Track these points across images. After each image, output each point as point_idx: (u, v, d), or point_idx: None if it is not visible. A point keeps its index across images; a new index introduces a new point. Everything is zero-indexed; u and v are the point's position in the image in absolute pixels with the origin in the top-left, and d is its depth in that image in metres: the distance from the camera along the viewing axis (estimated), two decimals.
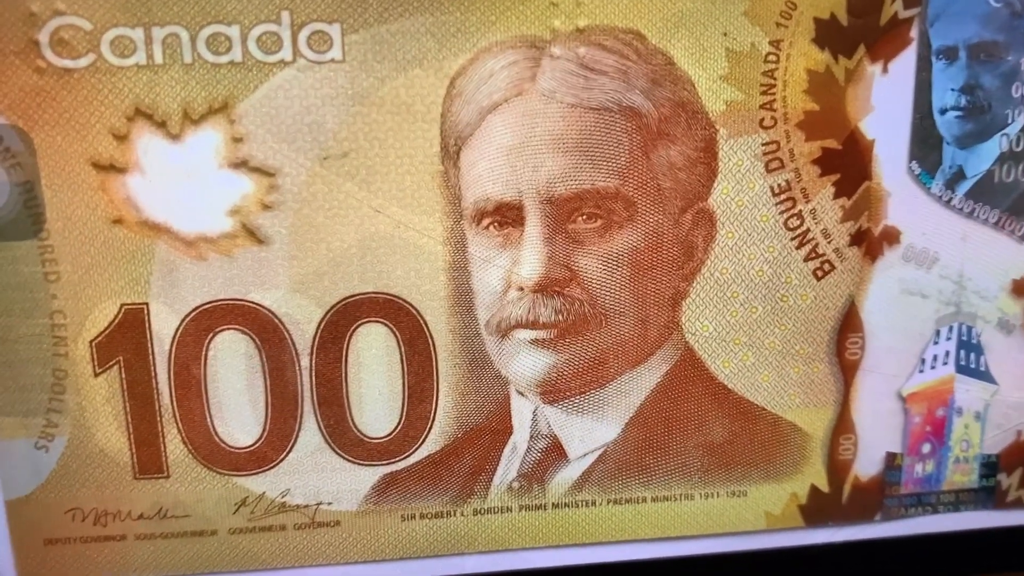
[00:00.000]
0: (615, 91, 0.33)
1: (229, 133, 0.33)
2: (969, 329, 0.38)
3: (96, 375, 0.34)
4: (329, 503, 0.37)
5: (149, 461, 0.35)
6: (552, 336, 0.35)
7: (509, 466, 0.37)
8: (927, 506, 0.40)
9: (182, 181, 0.33)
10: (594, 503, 0.38)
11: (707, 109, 0.34)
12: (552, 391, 0.36)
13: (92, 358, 0.34)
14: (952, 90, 0.35)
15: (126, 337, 0.34)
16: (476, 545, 0.38)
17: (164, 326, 0.34)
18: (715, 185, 0.35)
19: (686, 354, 0.37)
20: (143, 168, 0.32)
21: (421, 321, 0.35)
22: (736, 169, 0.35)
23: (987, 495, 0.40)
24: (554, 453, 0.37)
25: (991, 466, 0.40)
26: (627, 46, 0.33)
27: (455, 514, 0.37)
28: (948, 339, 0.38)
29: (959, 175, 0.36)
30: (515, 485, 0.37)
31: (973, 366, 0.39)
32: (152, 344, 0.34)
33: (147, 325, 0.34)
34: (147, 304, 0.34)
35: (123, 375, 0.34)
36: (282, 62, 0.32)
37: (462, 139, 0.33)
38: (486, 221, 0.34)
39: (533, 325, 0.35)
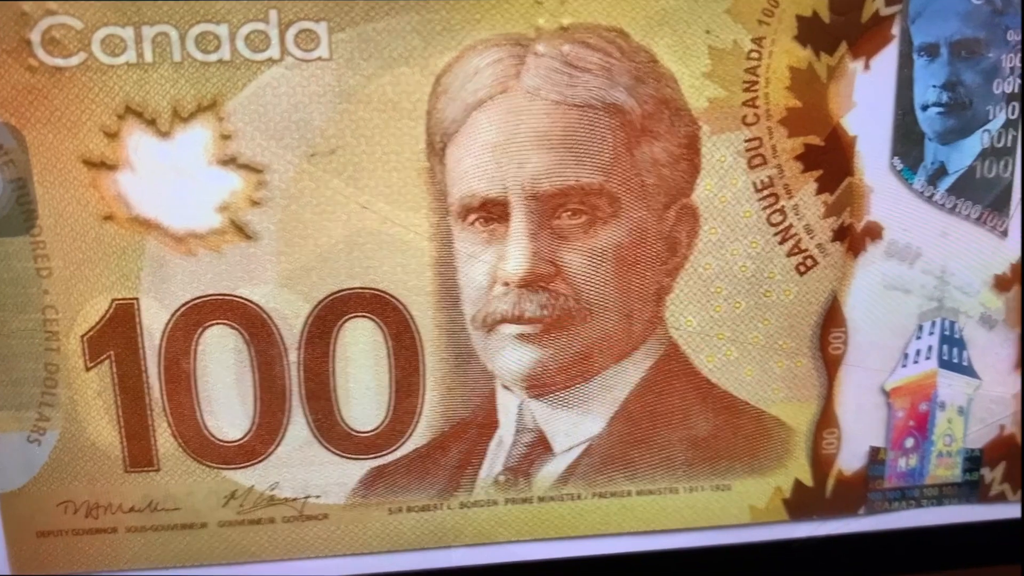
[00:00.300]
0: (599, 88, 0.34)
1: (218, 130, 0.33)
2: (952, 324, 0.38)
3: (87, 369, 0.35)
4: (317, 496, 0.37)
5: (140, 454, 0.36)
6: (537, 331, 0.35)
7: (495, 460, 0.37)
8: (910, 500, 0.40)
9: (172, 178, 0.33)
10: (579, 497, 0.38)
11: (690, 106, 0.34)
12: (537, 385, 0.36)
13: (83, 352, 0.34)
14: (934, 87, 0.36)
15: (117, 332, 0.34)
16: (462, 538, 0.38)
17: (154, 321, 0.34)
18: (698, 181, 0.35)
19: (670, 349, 0.37)
20: (133, 165, 0.33)
21: (408, 316, 0.35)
22: (719, 165, 0.35)
23: (970, 489, 0.40)
24: (539, 447, 0.37)
25: (974, 460, 0.40)
26: (610, 44, 0.34)
27: (442, 507, 0.38)
28: (931, 334, 0.38)
29: (941, 171, 0.37)
30: (501, 479, 0.38)
31: (956, 361, 0.39)
32: (142, 339, 0.35)
33: (137, 320, 0.34)
34: (137, 299, 0.34)
35: (114, 369, 0.35)
36: (270, 60, 0.33)
37: (448, 136, 0.34)
38: (472, 217, 0.34)
39: (518, 320, 0.35)
